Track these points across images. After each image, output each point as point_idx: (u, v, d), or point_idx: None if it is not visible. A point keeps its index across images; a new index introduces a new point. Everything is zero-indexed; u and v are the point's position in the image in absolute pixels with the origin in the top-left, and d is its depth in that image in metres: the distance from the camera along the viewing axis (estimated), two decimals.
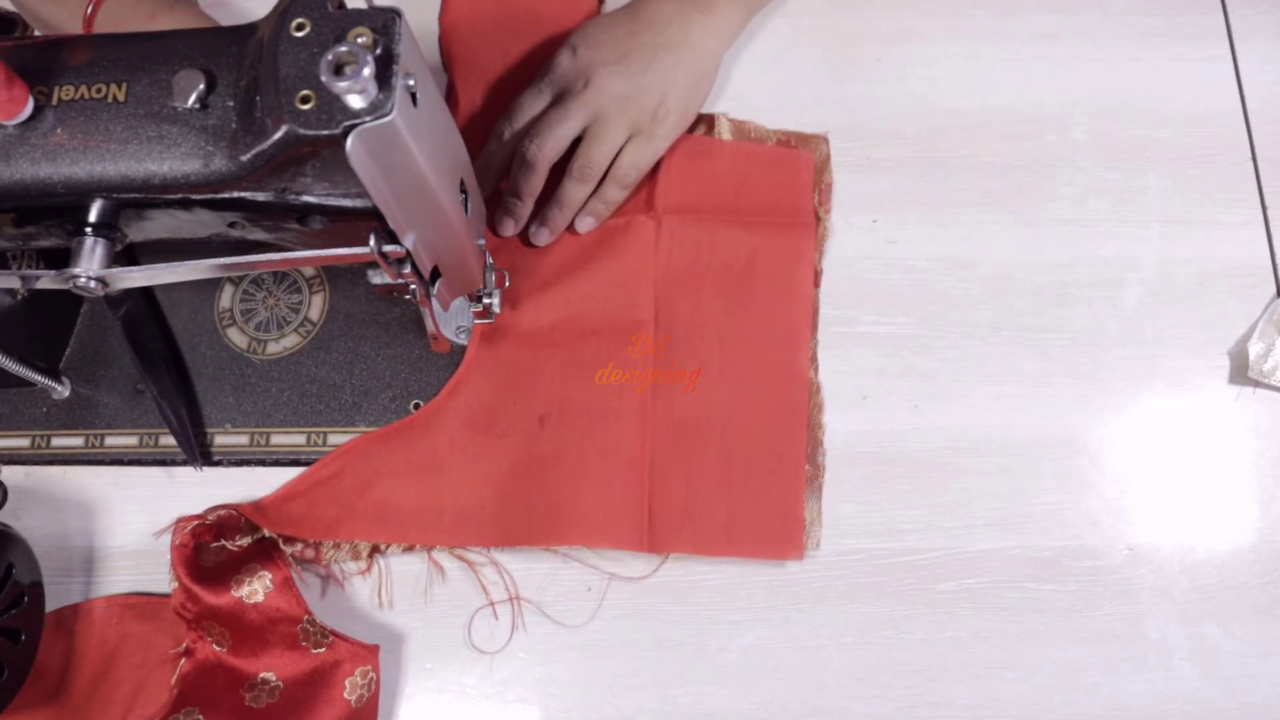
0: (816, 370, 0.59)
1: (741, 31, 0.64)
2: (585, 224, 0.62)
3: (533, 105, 0.60)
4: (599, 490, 0.57)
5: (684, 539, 0.56)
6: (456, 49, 0.67)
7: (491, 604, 0.56)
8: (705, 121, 0.65)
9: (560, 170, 0.60)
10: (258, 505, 0.58)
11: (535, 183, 0.60)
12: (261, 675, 0.54)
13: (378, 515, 0.57)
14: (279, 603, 0.54)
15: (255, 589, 0.54)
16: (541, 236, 0.61)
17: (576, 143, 0.60)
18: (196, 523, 0.55)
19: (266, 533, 0.56)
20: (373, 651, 0.54)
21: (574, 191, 0.60)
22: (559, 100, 0.59)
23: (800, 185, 0.63)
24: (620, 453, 0.57)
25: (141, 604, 0.57)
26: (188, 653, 0.54)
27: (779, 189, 0.63)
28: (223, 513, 0.56)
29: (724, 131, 0.64)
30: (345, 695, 0.53)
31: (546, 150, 0.58)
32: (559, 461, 0.57)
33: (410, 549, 0.57)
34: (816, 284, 0.61)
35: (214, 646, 0.54)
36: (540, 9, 0.67)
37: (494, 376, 0.60)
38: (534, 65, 0.63)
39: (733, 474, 0.57)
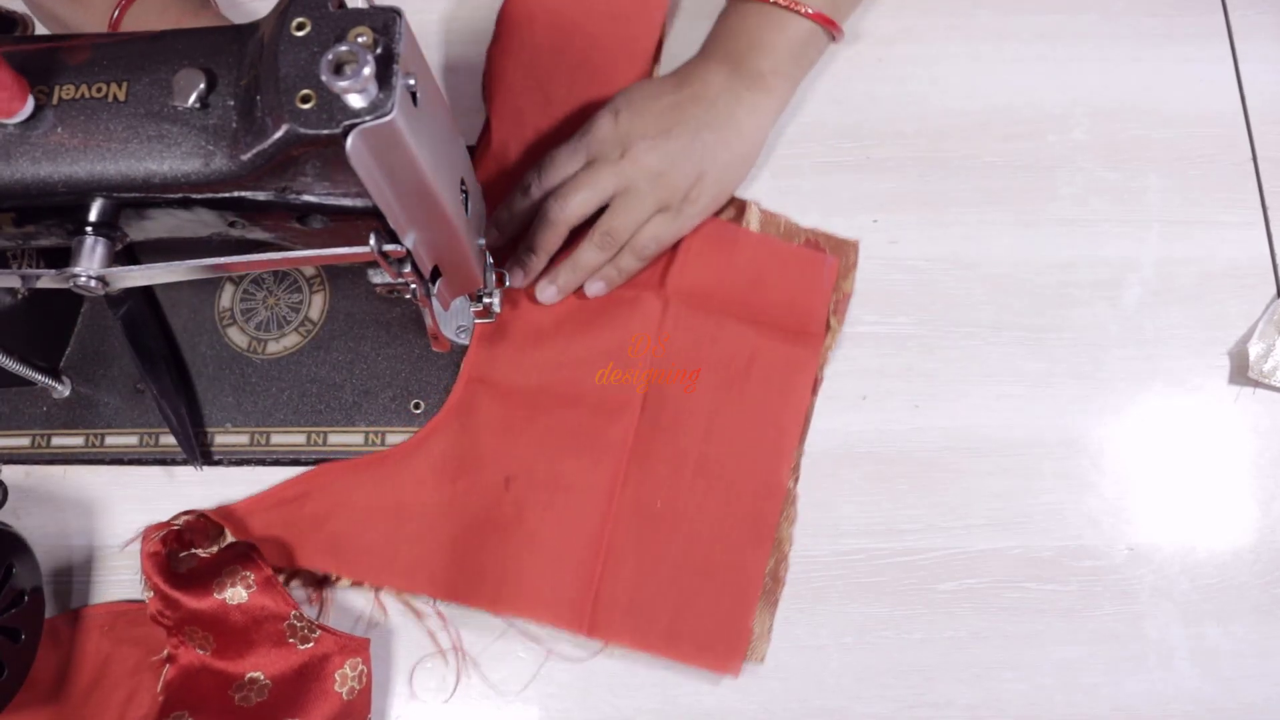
0: (797, 480, 0.57)
1: (786, 108, 0.62)
2: (595, 289, 0.60)
3: (566, 165, 0.58)
4: (549, 564, 0.55)
5: (624, 631, 0.55)
6: (499, 88, 0.65)
7: (440, 650, 0.55)
8: (735, 205, 0.63)
9: (579, 231, 0.59)
10: (227, 511, 0.57)
11: (554, 241, 0.58)
12: (249, 675, 0.53)
13: (332, 547, 0.57)
14: (263, 601, 0.53)
15: (238, 590, 0.53)
16: (548, 294, 0.60)
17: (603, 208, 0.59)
18: (165, 530, 0.55)
19: (232, 537, 0.56)
20: (363, 645, 0.54)
21: (591, 257, 0.59)
22: (592, 164, 0.58)
23: (818, 291, 0.60)
24: (579, 530, 0.56)
25: (133, 610, 0.57)
26: (170, 659, 0.54)
27: (795, 291, 0.60)
28: (190, 518, 0.56)
29: (753, 221, 0.62)
30: (336, 689, 0.53)
31: (570, 212, 0.57)
32: (516, 528, 0.56)
33: (358, 585, 0.57)
34: (814, 392, 0.59)
35: (197, 650, 0.54)
36: (593, 59, 0.64)
37: (470, 428, 0.58)
38: (574, 121, 0.62)
39: (688, 575, 0.55)
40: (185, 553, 0.55)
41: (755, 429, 0.58)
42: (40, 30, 0.62)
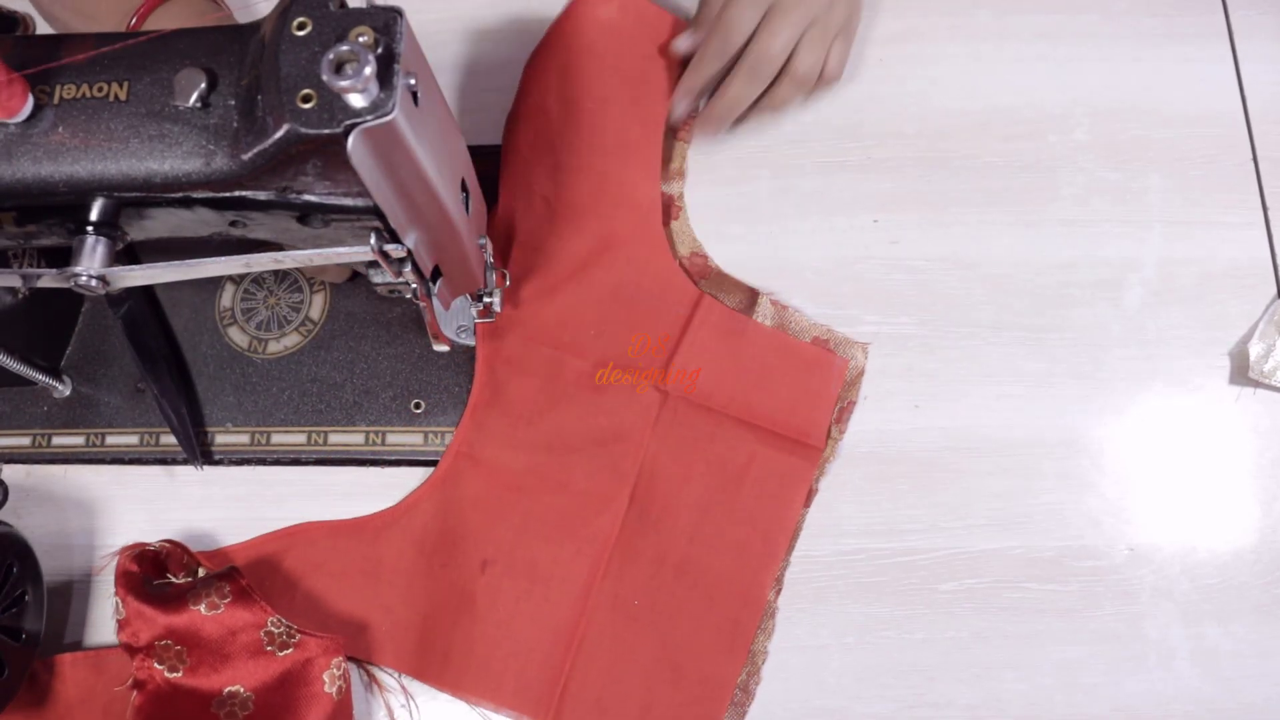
0: (779, 593, 0.56)
1: None
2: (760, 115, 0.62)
3: (749, 17, 0.58)
4: (519, 653, 0.55)
5: None
6: (511, 156, 0.63)
7: None
8: (746, 294, 0.61)
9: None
10: (207, 554, 0.57)
11: (753, 95, 0.60)
12: (228, 689, 0.52)
13: (304, 608, 0.56)
14: (238, 611, 0.53)
15: (212, 599, 0.52)
16: (709, 124, 0.62)
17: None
18: (140, 550, 0.54)
19: (205, 572, 0.56)
20: (338, 643, 0.53)
21: (742, 90, 0.59)
22: (776, 9, 0.58)
23: (824, 395, 0.59)
24: (552, 621, 0.55)
25: (91, 656, 0.56)
26: (136, 685, 0.53)
27: (800, 393, 0.59)
28: (167, 545, 0.56)
29: (764, 313, 0.60)
30: (326, 689, 0.52)
31: (774, 62, 0.58)
32: (489, 613, 0.56)
33: None
34: (807, 504, 0.58)
35: (167, 673, 0.53)
36: (603, 123, 0.63)
37: (454, 504, 0.58)
38: (582, 190, 0.62)
39: (658, 677, 0.55)
40: (159, 580, 0.55)
41: (742, 537, 0.57)
42: (42, 30, 0.62)
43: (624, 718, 0.54)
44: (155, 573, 0.55)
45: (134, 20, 0.56)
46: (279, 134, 0.37)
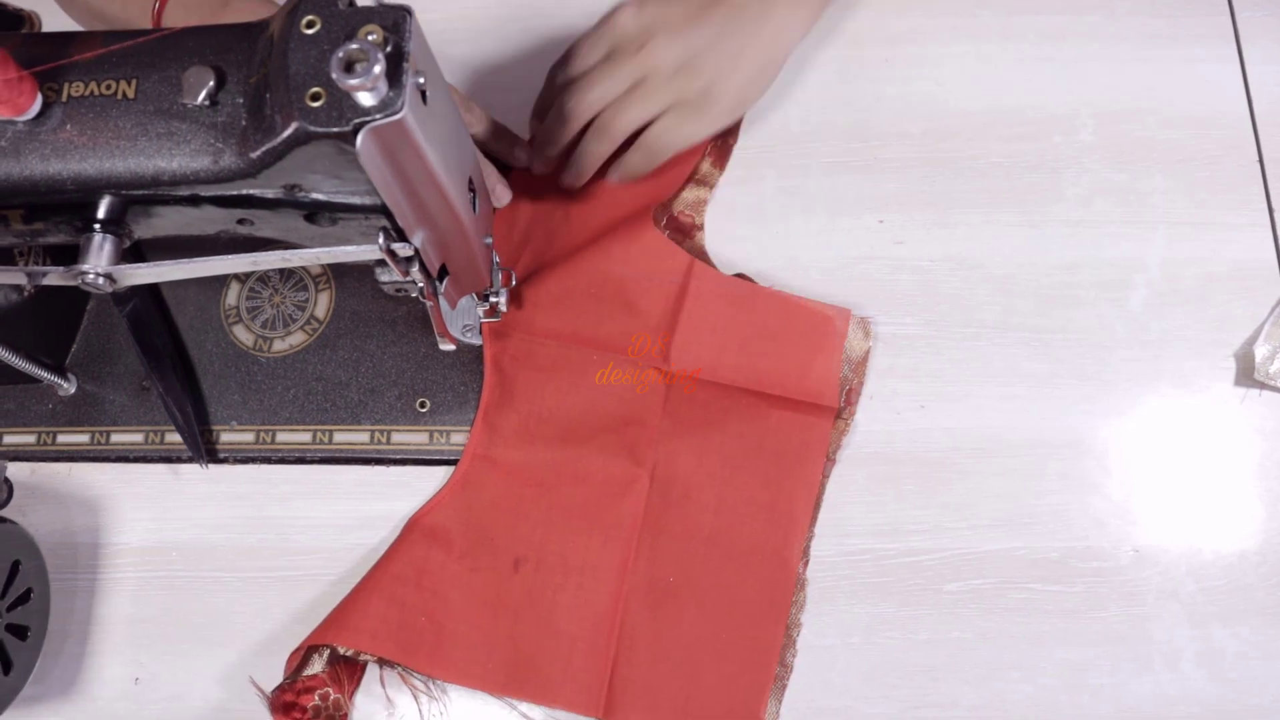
0: (806, 565, 0.56)
1: (816, 24, 0.60)
2: (568, 179, 0.60)
3: (587, 56, 0.57)
4: (563, 649, 0.55)
5: (639, 712, 0.54)
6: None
7: None
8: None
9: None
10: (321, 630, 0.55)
11: (565, 134, 0.57)
12: None
13: (335, 620, 0.55)
14: None
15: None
16: (569, 178, 0.60)
17: None
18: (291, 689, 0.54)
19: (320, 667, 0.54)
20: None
21: (593, 147, 0.57)
22: (611, 56, 0.56)
23: (831, 357, 0.58)
24: (591, 611, 0.55)
25: None
26: None
27: (807, 357, 0.58)
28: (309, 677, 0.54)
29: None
30: None
31: (586, 106, 0.56)
32: (528, 611, 0.55)
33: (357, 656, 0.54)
34: (826, 474, 0.57)
35: None
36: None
37: (477, 507, 0.57)
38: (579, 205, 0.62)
39: (702, 656, 0.55)
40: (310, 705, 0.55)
41: (767, 500, 0.57)
42: (48, 27, 0.62)
43: (673, 698, 0.54)
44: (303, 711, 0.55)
45: (157, 6, 0.55)
46: (287, 132, 0.37)
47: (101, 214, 0.41)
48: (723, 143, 0.64)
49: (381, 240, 0.42)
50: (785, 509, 0.57)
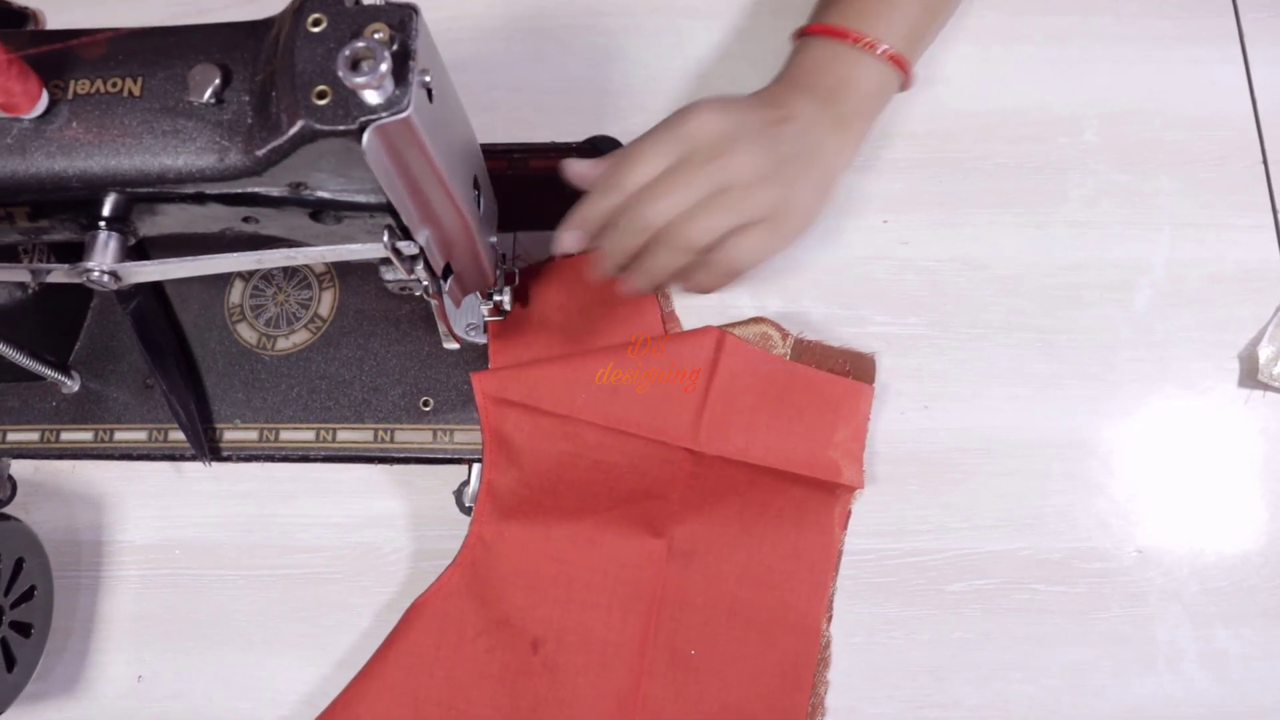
0: (830, 622, 0.56)
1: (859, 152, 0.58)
2: (637, 286, 0.54)
3: (654, 160, 0.51)
4: None
5: None
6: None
7: None
8: (751, 324, 0.60)
9: None
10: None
11: (635, 245, 0.51)
12: None
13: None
14: None
15: None
16: (631, 287, 0.54)
17: None
18: None
19: None
20: None
21: (664, 260, 0.51)
22: (686, 162, 0.51)
23: (856, 434, 0.57)
24: (613, 688, 0.54)
25: None
26: None
27: (833, 436, 0.57)
28: None
29: (777, 344, 0.59)
30: None
31: (660, 215, 0.50)
32: (550, 695, 0.54)
33: None
34: (844, 525, 0.57)
35: None
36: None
37: (489, 585, 0.56)
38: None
39: None
40: None
41: (789, 569, 0.56)
42: (53, 24, 0.62)
43: None
44: None
45: None
46: (293, 130, 0.37)
47: (107, 211, 0.41)
48: None
49: (386, 238, 0.42)
50: (807, 579, 0.56)
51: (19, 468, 0.61)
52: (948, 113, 0.65)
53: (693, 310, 0.61)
